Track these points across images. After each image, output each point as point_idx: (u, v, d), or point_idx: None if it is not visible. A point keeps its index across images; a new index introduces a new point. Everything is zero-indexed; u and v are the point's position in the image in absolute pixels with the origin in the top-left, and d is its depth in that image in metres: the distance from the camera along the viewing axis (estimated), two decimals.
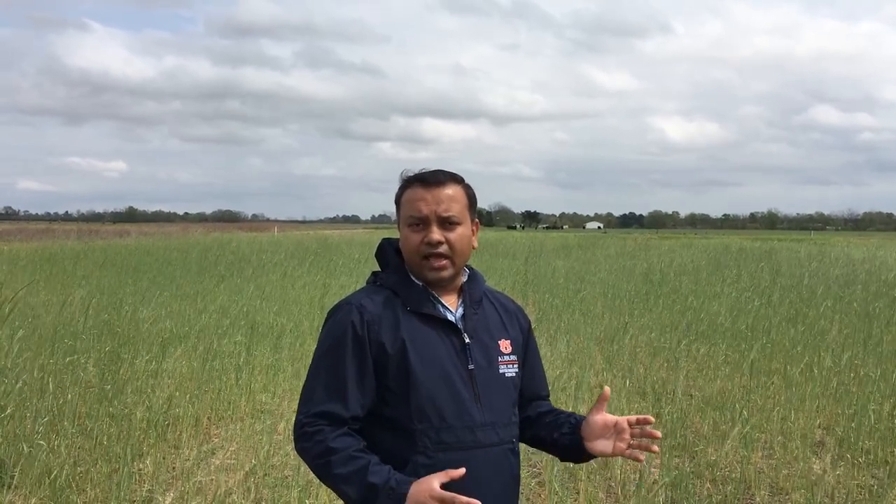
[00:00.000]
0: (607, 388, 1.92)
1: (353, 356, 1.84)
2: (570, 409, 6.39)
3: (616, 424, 1.90)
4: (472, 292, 1.99)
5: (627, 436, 1.90)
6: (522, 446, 2.10)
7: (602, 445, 1.92)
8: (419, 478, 1.74)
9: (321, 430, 1.80)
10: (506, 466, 1.93)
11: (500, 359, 1.95)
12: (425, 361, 1.84)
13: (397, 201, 1.96)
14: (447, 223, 1.89)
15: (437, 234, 1.88)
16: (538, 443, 2.09)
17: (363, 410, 1.84)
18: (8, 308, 6.13)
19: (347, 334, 1.85)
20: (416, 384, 1.82)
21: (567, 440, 1.99)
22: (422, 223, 1.89)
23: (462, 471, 1.71)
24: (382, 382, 1.84)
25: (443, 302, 1.94)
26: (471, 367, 1.88)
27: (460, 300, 1.97)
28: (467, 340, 1.90)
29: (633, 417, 1.90)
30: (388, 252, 1.99)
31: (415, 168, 1.96)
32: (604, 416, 1.92)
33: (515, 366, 1.99)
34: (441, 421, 1.82)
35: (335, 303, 1.97)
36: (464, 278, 2.01)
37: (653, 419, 1.89)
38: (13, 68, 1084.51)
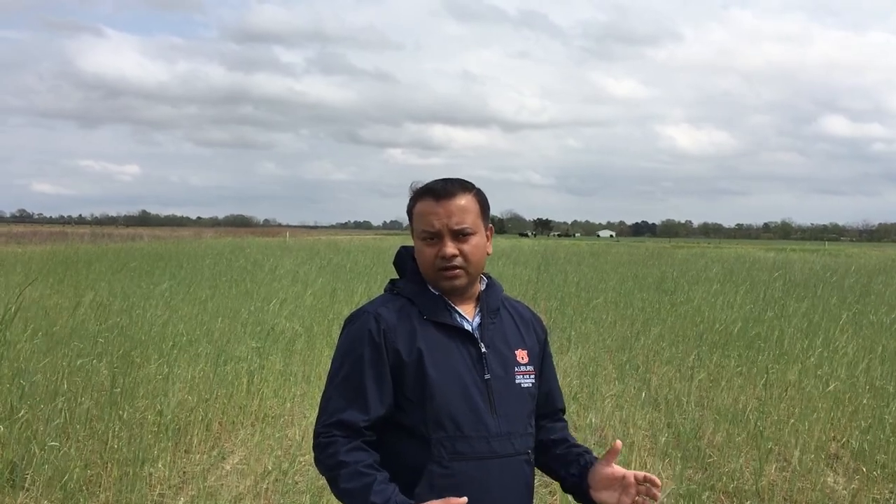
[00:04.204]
0: (618, 443, 1.90)
1: (370, 363, 1.83)
2: (582, 419, 6.36)
3: (623, 478, 1.89)
4: (490, 301, 1.97)
5: (633, 491, 1.88)
6: None
7: (606, 496, 1.91)
8: (434, 487, 1.74)
9: (335, 441, 1.79)
10: (520, 477, 1.91)
11: (516, 369, 1.94)
12: (441, 370, 1.83)
13: (409, 213, 1.95)
14: (460, 235, 1.88)
15: (450, 247, 1.86)
16: (545, 470, 2.09)
17: (384, 411, 1.83)
18: (14, 308, 6.14)
19: (364, 342, 1.84)
20: (432, 393, 1.81)
21: (574, 481, 1.98)
22: (435, 237, 1.87)
23: (464, 500, 1.68)
24: (399, 391, 1.83)
25: (459, 311, 1.93)
26: (487, 376, 1.87)
27: (477, 309, 1.95)
28: (484, 350, 1.89)
29: (641, 474, 1.88)
30: (405, 260, 1.99)
31: (425, 176, 1.96)
32: (612, 469, 1.90)
33: (532, 376, 1.98)
34: (457, 430, 1.81)
35: (352, 311, 1.96)
36: (481, 287, 2.00)
37: (659, 482, 1.89)
38: (29, 71, 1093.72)
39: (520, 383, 1.93)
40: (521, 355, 1.96)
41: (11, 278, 14.27)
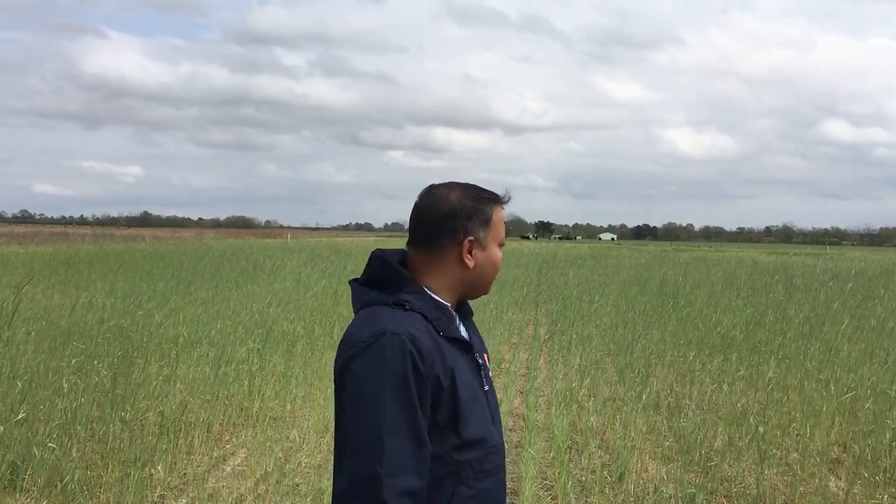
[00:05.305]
0: None
1: (419, 400, 1.63)
2: (583, 422, 6.34)
3: None
4: (466, 308, 1.93)
5: None
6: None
7: None
8: None
9: None
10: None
11: (490, 374, 1.91)
12: (467, 390, 1.74)
13: (488, 219, 1.82)
14: None
15: None
16: None
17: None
18: (13, 307, 6.14)
19: (409, 373, 1.62)
20: (465, 416, 1.71)
21: None
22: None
23: None
24: (433, 420, 1.67)
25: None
26: (486, 388, 1.84)
27: (458, 317, 1.88)
28: (480, 361, 1.85)
29: None
30: (389, 267, 1.78)
31: (427, 179, 1.94)
32: None
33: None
34: (481, 449, 1.75)
35: (373, 329, 1.65)
36: None
37: None
38: (31, 72, 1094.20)
39: (494, 389, 1.92)
40: (486, 359, 1.92)
41: (12, 278, 14.28)
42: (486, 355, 1.92)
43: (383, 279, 1.76)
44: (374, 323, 1.66)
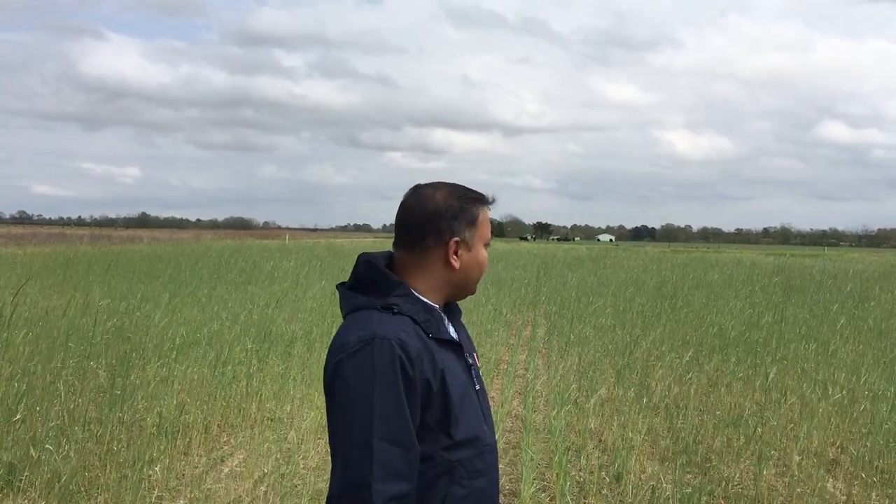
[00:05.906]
0: None
1: (408, 403, 1.63)
2: (581, 423, 6.35)
3: None
4: (454, 308, 1.93)
5: None
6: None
7: None
8: None
9: None
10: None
11: (479, 373, 1.93)
12: (458, 390, 1.75)
13: (474, 219, 1.83)
14: None
15: None
16: None
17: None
18: (10, 309, 6.13)
19: (398, 377, 1.62)
20: (456, 417, 1.72)
21: None
22: None
23: None
24: (423, 421, 1.68)
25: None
26: (478, 387, 1.85)
27: (445, 318, 1.88)
28: (470, 361, 1.86)
29: None
30: (376, 270, 1.78)
31: (427, 179, 1.93)
32: None
33: None
34: (474, 448, 1.76)
35: (359, 334, 1.65)
36: None
37: None
38: (31, 73, 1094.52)
39: (485, 388, 1.92)
40: (475, 357, 1.93)
41: (11, 279, 14.27)
42: (475, 354, 1.93)
43: (371, 282, 1.75)
44: (363, 328, 1.66)
